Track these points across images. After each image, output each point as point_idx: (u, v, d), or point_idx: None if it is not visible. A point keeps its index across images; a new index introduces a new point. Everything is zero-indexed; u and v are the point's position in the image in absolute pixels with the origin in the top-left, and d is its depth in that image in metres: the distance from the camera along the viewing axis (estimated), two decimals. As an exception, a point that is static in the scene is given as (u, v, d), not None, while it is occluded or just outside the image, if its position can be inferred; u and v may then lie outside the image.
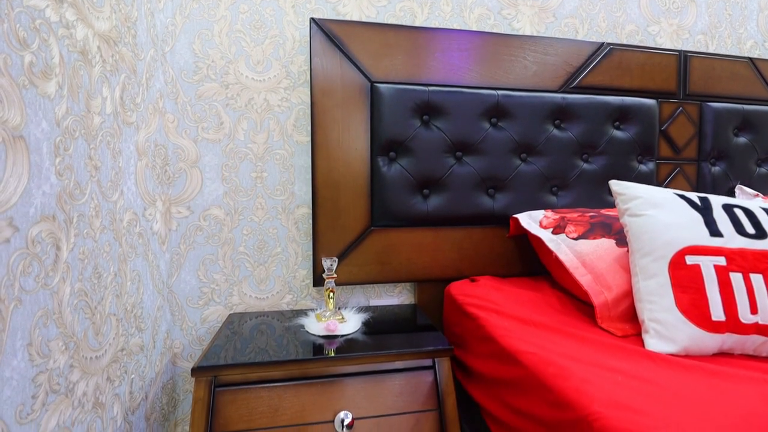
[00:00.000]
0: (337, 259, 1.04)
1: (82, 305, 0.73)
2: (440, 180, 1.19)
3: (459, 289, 1.11)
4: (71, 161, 0.71)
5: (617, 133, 1.31)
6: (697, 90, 1.37)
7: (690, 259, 0.72)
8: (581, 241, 0.98)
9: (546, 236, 1.05)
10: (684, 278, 0.72)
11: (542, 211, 1.15)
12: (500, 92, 1.22)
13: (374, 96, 1.15)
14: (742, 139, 1.42)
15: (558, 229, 1.06)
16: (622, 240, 0.94)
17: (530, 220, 1.14)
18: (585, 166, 1.29)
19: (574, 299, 1.03)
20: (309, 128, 1.22)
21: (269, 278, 1.22)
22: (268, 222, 1.21)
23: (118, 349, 0.86)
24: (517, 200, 1.24)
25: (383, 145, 1.16)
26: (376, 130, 1.16)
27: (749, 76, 1.42)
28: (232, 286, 1.20)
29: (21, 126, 0.59)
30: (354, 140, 1.15)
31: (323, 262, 1.04)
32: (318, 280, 1.16)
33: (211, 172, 1.17)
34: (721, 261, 0.71)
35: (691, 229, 0.75)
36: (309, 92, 1.21)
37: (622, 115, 1.31)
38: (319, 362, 0.87)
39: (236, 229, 1.19)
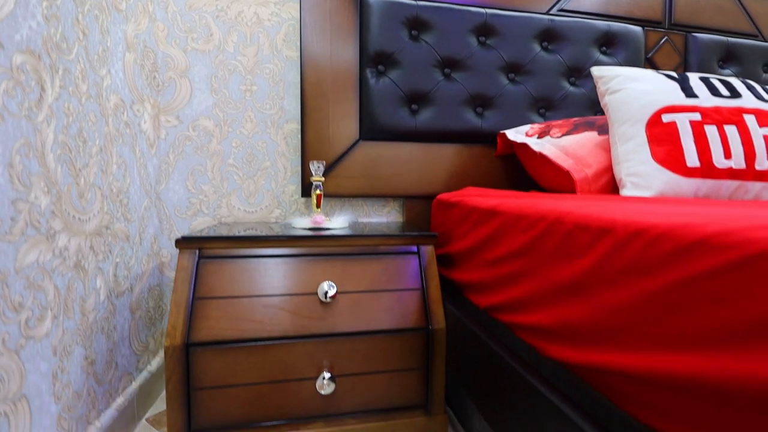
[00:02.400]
0: (324, 162, 1.05)
1: (65, 159, 0.74)
2: (428, 95, 1.21)
3: (445, 195, 1.12)
4: (59, 12, 0.72)
5: (604, 59, 1.33)
6: (683, 20, 1.40)
7: (666, 117, 0.74)
8: (564, 138, 0.99)
9: (531, 141, 1.07)
10: (660, 134, 0.73)
11: (528, 125, 1.17)
12: (488, 11, 1.24)
13: (363, 8, 1.17)
14: (726, 71, 1.44)
15: (543, 134, 1.07)
16: (604, 131, 0.96)
17: (516, 133, 1.15)
18: (572, 89, 1.31)
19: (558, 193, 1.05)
20: (299, 44, 1.23)
21: (258, 192, 1.22)
22: (258, 135, 1.22)
23: (103, 225, 0.87)
24: (505, 119, 1.26)
25: (372, 58, 1.17)
26: (365, 42, 1.17)
27: (733, 9, 1.45)
28: (221, 198, 1.20)
29: (6, -52, 0.60)
30: (343, 52, 1.16)
31: (311, 165, 1.04)
32: (307, 190, 1.16)
33: (200, 82, 1.18)
34: (696, 116, 0.72)
35: (667, 93, 0.77)
36: (299, 8, 1.23)
37: (608, 41, 1.33)
38: (303, 240, 0.87)
39: (225, 141, 1.20)
